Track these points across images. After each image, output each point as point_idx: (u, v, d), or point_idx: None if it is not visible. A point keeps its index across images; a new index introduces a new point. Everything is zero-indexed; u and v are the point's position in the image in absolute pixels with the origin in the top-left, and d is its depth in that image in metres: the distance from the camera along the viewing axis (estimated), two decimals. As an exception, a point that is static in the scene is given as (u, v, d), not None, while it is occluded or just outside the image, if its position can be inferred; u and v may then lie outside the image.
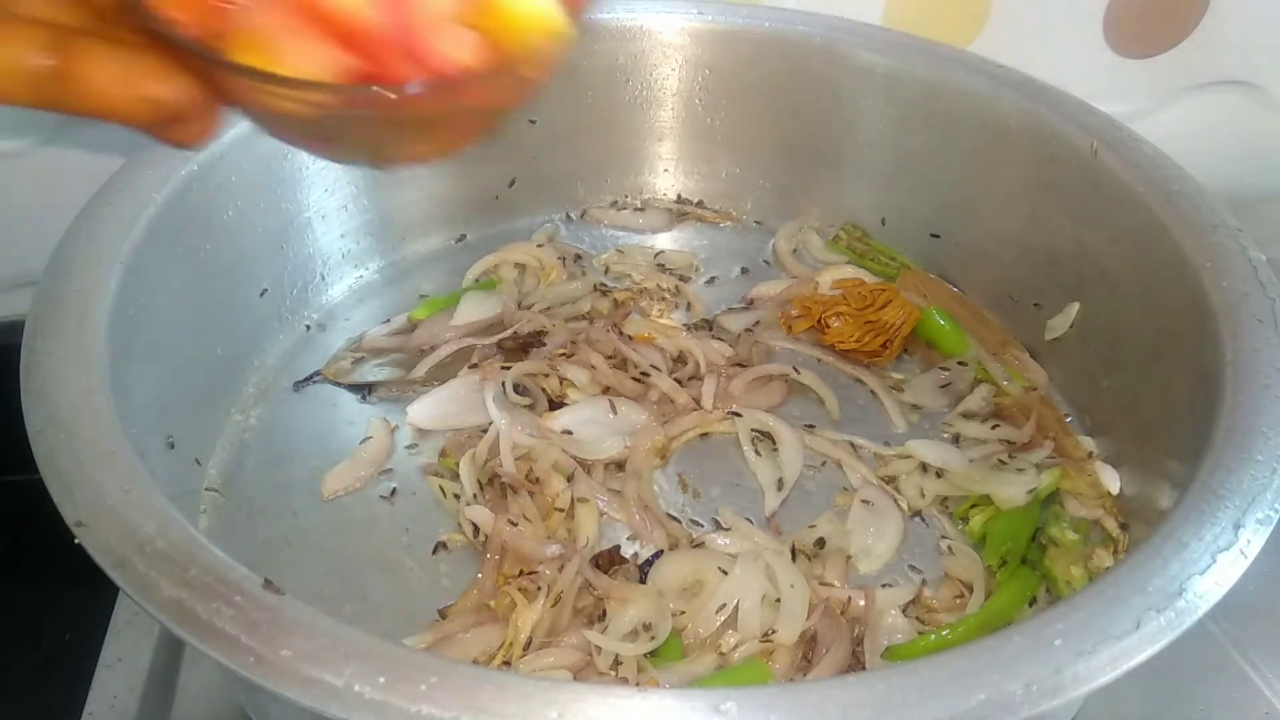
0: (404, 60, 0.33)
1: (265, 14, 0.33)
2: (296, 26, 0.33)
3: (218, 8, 0.33)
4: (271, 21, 0.33)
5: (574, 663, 0.56)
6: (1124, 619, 0.43)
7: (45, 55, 0.33)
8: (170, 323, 0.64)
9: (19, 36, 0.33)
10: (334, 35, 0.33)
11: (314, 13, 0.33)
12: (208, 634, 0.41)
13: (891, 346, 0.76)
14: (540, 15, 0.34)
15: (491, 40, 0.34)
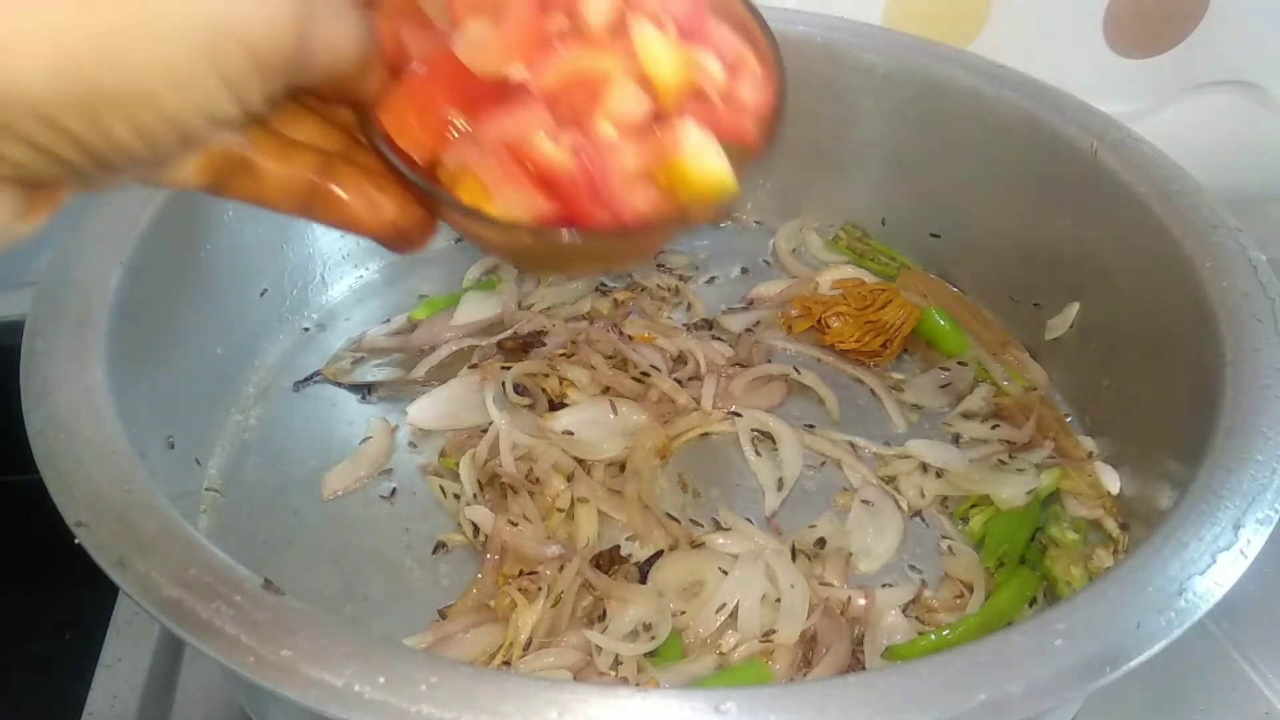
0: (592, 204, 0.39)
1: (482, 159, 0.39)
2: (506, 172, 0.39)
3: (444, 137, 0.39)
4: (488, 166, 0.39)
5: (574, 663, 0.56)
6: (1124, 619, 0.43)
7: (314, 174, 0.39)
8: (170, 323, 0.64)
9: (297, 157, 0.39)
10: (535, 180, 0.39)
11: (523, 160, 0.39)
12: (208, 634, 0.41)
13: (891, 346, 0.76)
14: (716, 178, 0.39)
15: (669, 194, 0.39)
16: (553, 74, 0.39)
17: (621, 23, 0.40)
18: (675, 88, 0.39)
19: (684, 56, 0.40)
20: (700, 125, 0.39)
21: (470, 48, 0.40)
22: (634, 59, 0.39)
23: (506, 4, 0.40)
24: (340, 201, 0.40)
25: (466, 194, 0.39)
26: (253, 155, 0.38)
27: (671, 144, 0.39)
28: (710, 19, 0.42)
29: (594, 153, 0.38)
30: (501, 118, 0.39)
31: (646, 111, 0.39)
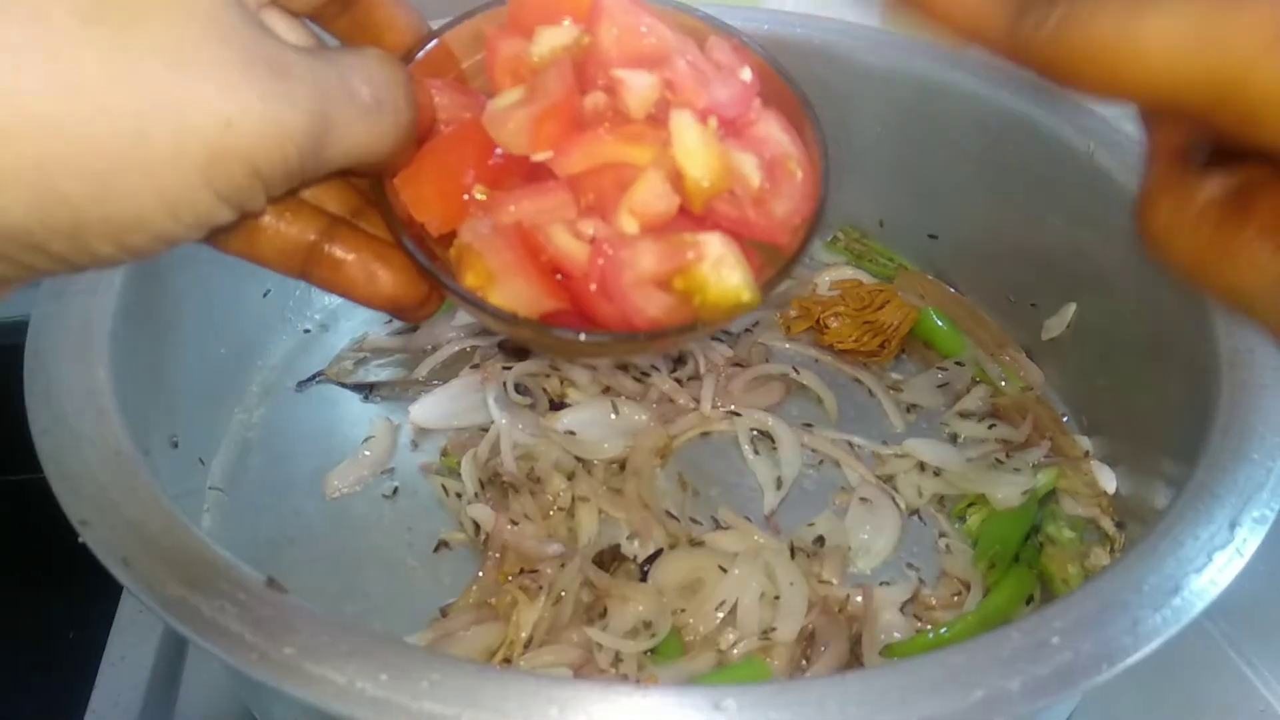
0: (603, 303, 0.37)
1: (493, 244, 0.37)
2: (516, 261, 0.37)
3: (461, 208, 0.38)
4: (497, 252, 0.37)
5: (574, 660, 0.56)
6: (1120, 618, 0.43)
7: (316, 236, 0.37)
8: (174, 323, 0.64)
9: (301, 217, 0.37)
10: (546, 269, 0.37)
11: (539, 252, 0.37)
12: (211, 632, 0.41)
13: (889, 346, 0.76)
14: (739, 290, 0.37)
15: (684, 300, 0.37)
16: (580, 160, 0.37)
17: (663, 108, 0.38)
18: (707, 190, 0.38)
19: (721, 158, 0.38)
20: (725, 235, 0.37)
21: (498, 122, 0.38)
22: (668, 152, 0.37)
23: (544, 78, 0.38)
24: (340, 269, 0.38)
25: (473, 276, 0.37)
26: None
27: (694, 251, 0.37)
28: (758, 112, 0.41)
29: (611, 250, 0.36)
30: (521, 200, 0.38)
31: (672, 209, 0.37)
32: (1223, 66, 0.24)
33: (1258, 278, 0.27)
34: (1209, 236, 0.28)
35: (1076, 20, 0.26)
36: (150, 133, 0.26)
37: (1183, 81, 0.25)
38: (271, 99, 0.27)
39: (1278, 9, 0.24)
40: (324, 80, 0.30)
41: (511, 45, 0.40)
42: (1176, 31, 0.24)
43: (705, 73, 0.39)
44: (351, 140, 0.31)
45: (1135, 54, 0.25)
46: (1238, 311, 0.29)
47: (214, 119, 0.26)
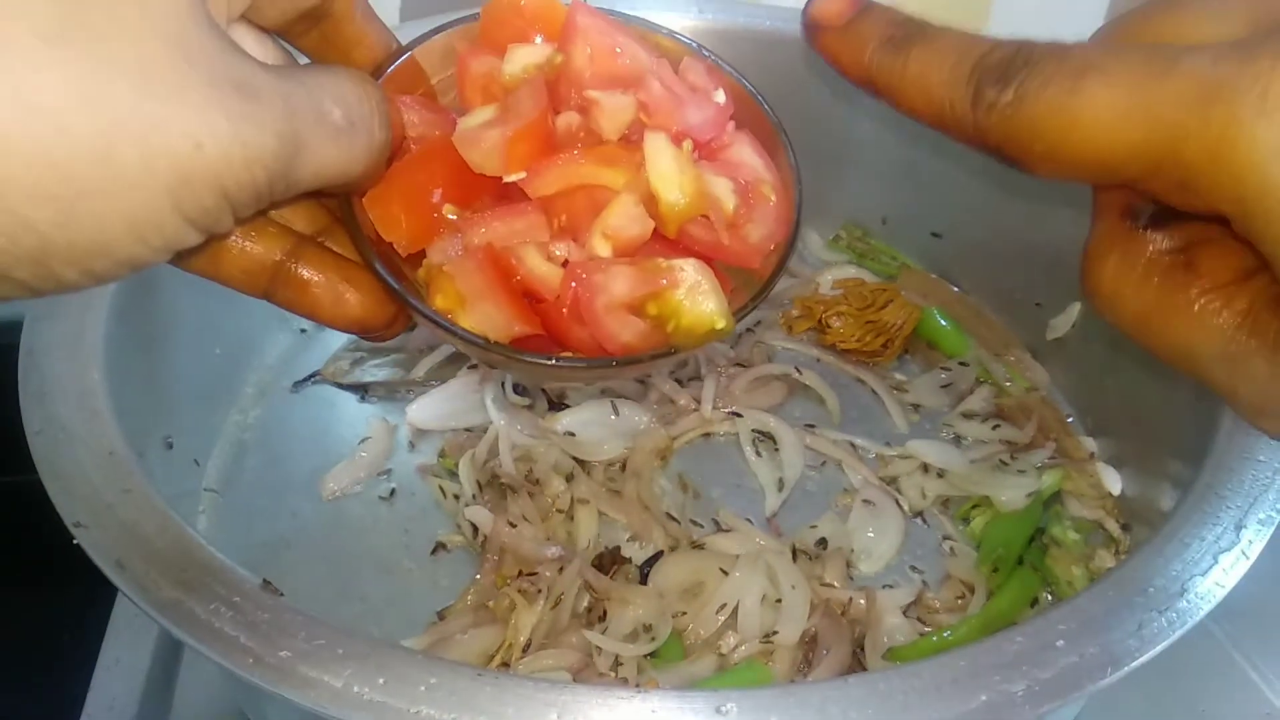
0: (576, 327, 0.37)
1: (463, 267, 0.36)
2: (486, 285, 0.36)
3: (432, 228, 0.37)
4: (467, 275, 0.36)
5: (573, 663, 0.56)
6: (1126, 620, 0.43)
7: (281, 255, 0.36)
8: (169, 323, 0.64)
9: (267, 237, 0.36)
10: (518, 292, 0.37)
11: (508, 273, 0.37)
12: (206, 635, 0.41)
13: (892, 346, 0.76)
14: (713, 317, 0.37)
15: (658, 325, 0.37)
16: (554, 182, 0.37)
17: (637, 130, 0.38)
18: (680, 214, 0.37)
19: (695, 181, 0.37)
20: (700, 261, 0.37)
21: (469, 142, 0.37)
22: (642, 174, 0.37)
23: (517, 98, 0.38)
24: (306, 289, 0.37)
25: (442, 299, 0.37)
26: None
27: (668, 277, 0.37)
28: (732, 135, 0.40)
29: (585, 274, 0.36)
30: (492, 222, 0.37)
31: (646, 233, 0.37)
32: (1155, 137, 0.25)
33: (1205, 335, 0.28)
34: (1155, 293, 0.29)
35: (1024, 99, 0.28)
36: (117, 156, 0.25)
37: (1120, 152, 0.26)
38: (240, 120, 0.27)
39: (1203, 77, 0.24)
40: (294, 101, 0.29)
41: (483, 63, 0.40)
42: (1111, 104, 0.26)
43: (679, 95, 0.39)
44: (322, 161, 0.31)
45: (1075, 127, 0.27)
46: (1183, 369, 0.29)
47: (182, 141, 0.26)
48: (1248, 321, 0.27)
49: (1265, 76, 0.23)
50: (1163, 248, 0.29)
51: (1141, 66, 0.26)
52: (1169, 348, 0.29)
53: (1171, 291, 0.29)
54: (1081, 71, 0.27)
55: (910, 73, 0.31)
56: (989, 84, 0.29)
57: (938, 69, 0.30)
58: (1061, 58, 0.28)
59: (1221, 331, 0.28)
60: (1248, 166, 0.24)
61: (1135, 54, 0.26)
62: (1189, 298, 0.28)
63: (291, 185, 0.30)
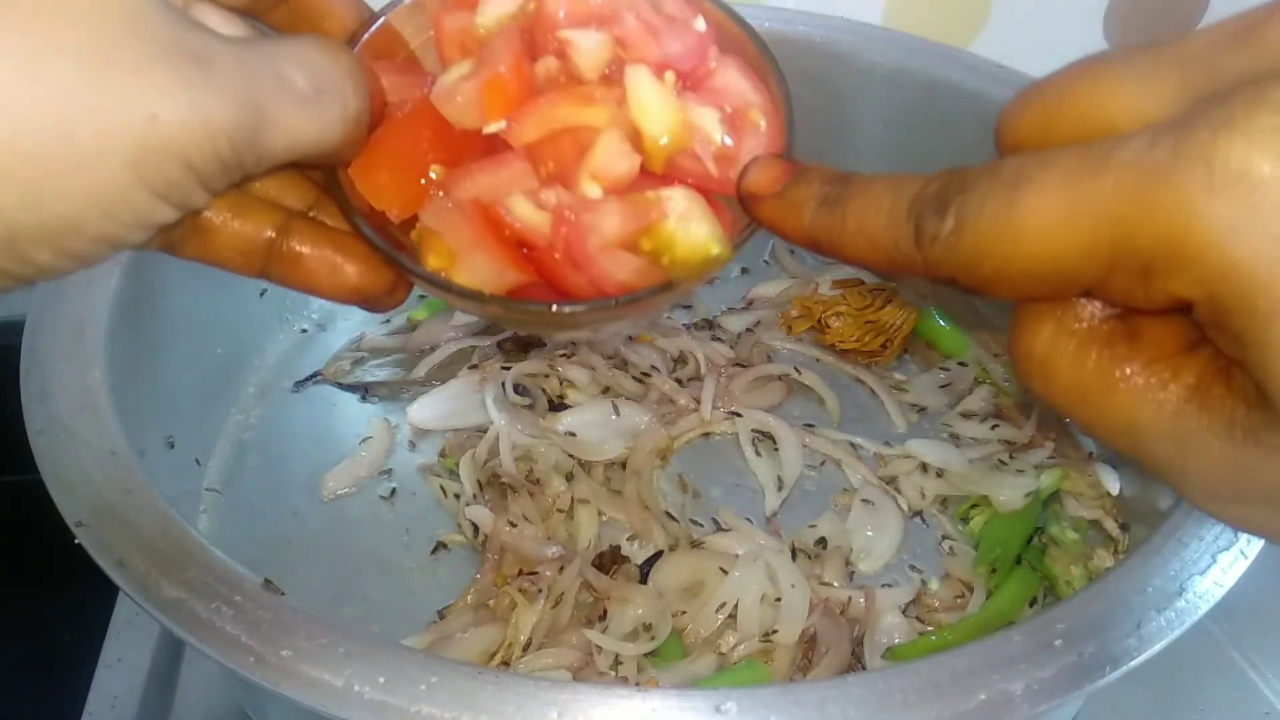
0: (571, 271, 0.36)
1: (451, 221, 0.36)
2: (476, 237, 0.36)
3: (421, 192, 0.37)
4: (456, 230, 0.36)
5: (573, 663, 0.56)
6: (1124, 619, 0.43)
7: (273, 232, 0.36)
8: (170, 323, 0.64)
9: (255, 214, 0.36)
10: (511, 243, 0.36)
11: (499, 225, 0.36)
12: (208, 634, 0.41)
13: (891, 346, 0.76)
14: (707, 244, 0.36)
15: (654, 261, 0.36)
16: (534, 127, 0.36)
17: (618, 67, 0.37)
18: (666, 147, 0.37)
19: (679, 113, 0.37)
20: (688, 187, 0.36)
21: (446, 97, 0.37)
22: (624, 110, 0.36)
23: (490, 48, 0.37)
24: (300, 263, 0.37)
25: (434, 258, 0.36)
26: (206, 213, 0.35)
27: (657, 208, 0.36)
28: (716, 62, 0.39)
29: (573, 216, 0.35)
30: (477, 175, 0.37)
31: (634, 168, 0.36)
32: (1102, 233, 0.24)
33: (1151, 410, 0.26)
34: (1095, 364, 0.27)
35: (963, 224, 0.26)
36: (75, 134, 0.25)
37: (1071, 256, 0.25)
38: (195, 90, 0.27)
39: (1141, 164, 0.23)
40: (252, 69, 0.29)
41: (457, 18, 0.39)
42: (1051, 209, 0.25)
43: (657, 26, 0.38)
44: (292, 131, 0.30)
45: (1019, 241, 0.25)
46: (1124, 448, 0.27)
47: (138, 114, 0.26)
48: (1197, 395, 0.25)
49: (1206, 150, 0.22)
50: (1102, 316, 0.27)
51: (1076, 166, 0.24)
52: (1109, 424, 0.27)
53: (1113, 362, 0.27)
54: (1015, 184, 0.25)
55: (850, 226, 0.30)
56: (928, 217, 0.27)
57: (875, 216, 0.29)
58: (994, 175, 0.26)
59: (1169, 406, 0.26)
60: (1205, 247, 0.22)
61: (1067, 155, 0.25)
62: (1132, 369, 0.26)
63: (263, 156, 0.30)
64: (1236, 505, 0.26)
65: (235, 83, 0.28)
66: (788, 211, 0.33)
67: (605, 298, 0.36)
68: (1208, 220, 0.22)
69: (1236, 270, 0.22)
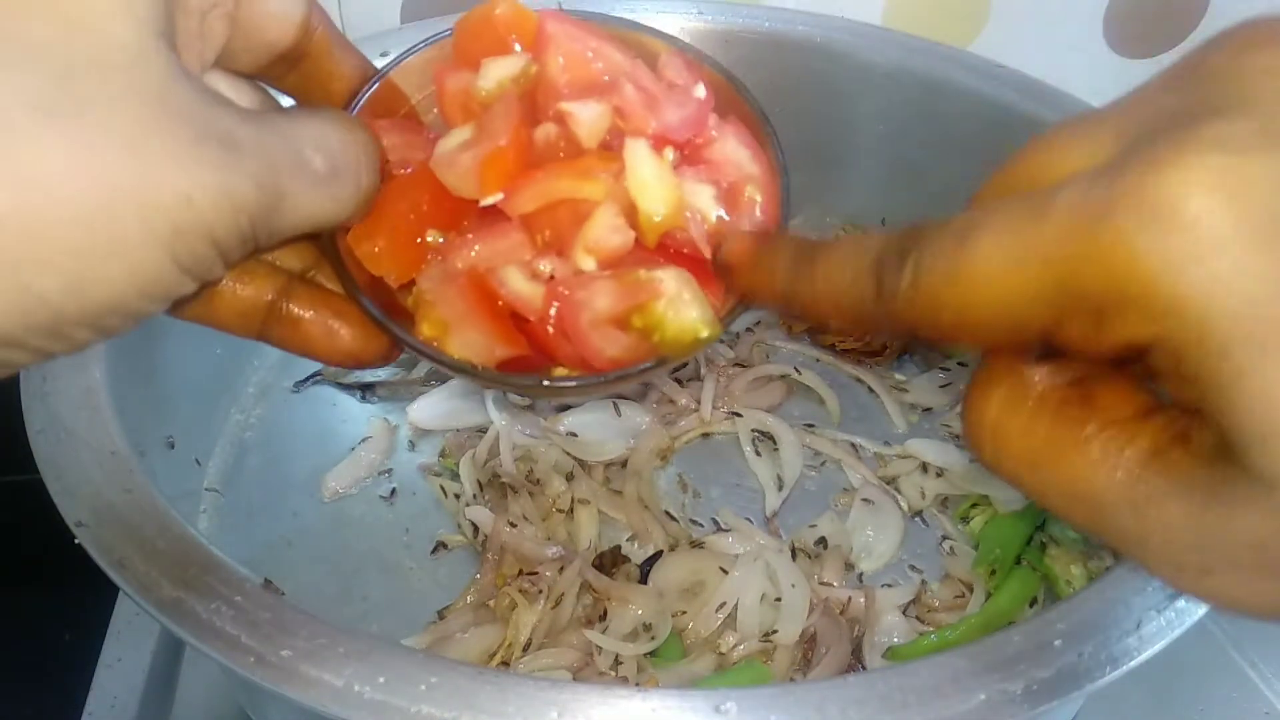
0: (562, 344, 0.36)
1: (445, 293, 0.36)
2: (469, 310, 0.36)
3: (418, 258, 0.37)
4: (449, 301, 0.36)
5: (573, 663, 0.56)
6: (1124, 619, 0.43)
7: (273, 294, 0.37)
8: (170, 322, 0.63)
9: (257, 278, 0.37)
10: (503, 315, 0.37)
11: (492, 296, 0.36)
12: (208, 634, 0.41)
13: (891, 346, 0.76)
14: (697, 326, 0.36)
15: (644, 338, 0.36)
16: (531, 200, 0.36)
17: (618, 135, 0.37)
18: (660, 224, 0.37)
19: (674, 191, 0.37)
20: (683, 270, 0.36)
21: (445, 165, 0.37)
22: (621, 183, 0.36)
23: (489, 117, 0.37)
24: (298, 327, 0.37)
25: (428, 327, 0.37)
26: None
27: (650, 289, 0.36)
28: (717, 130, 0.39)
29: (567, 291, 0.36)
30: (473, 244, 0.37)
31: (628, 243, 0.37)
32: (1050, 274, 0.24)
33: (1107, 476, 0.25)
34: (1047, 429, 0.27)
35: (919, 276, 0.27)
36: (117, 220, 0.26)
37: (1024, 299, 0.25)
38: (224, 172, 0.28)
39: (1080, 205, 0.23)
40: (273, 152, 0.30)
41: (459, 79, 0.39)
42: (999, 255, 0.25)
43: (656, 96, 0.38)
44: (306, 209, 0.31)
45: (971, 288, 0.26)
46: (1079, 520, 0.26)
47: (175, 198, 0.26)
48: (1155, 460, 0.25)
49: (1138, 187, 0.22)
50: (1054, 382, 0.27)
51: (1020, 211, 0.25)
52: (1063, 493, 0.26)
53: (1066, 427, 0.26)
54: (964, 233, 0.26)
55: (819, 289, 0.31)
56: (888, 272, 0.28)
57: (841, 274, 0.30)
58: (945, 227, 0.27)
59: (1125, 471, 0.25)
60: (1148, 284, 0.22)
61: (1012, 203, 0.25)
62: (1086, 434, 0.26)
63: (275, 232, 0.30)
64: (1205, 577, 0.25)
65: (258, 164, 0.29)
66: (761, 278, 0.34)
67: (595, 373, 0.36)
68: (1148, 258, 0.22)
69: (1182, 307, 0.22)
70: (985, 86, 0.75)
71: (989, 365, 0.29)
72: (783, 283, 0.32)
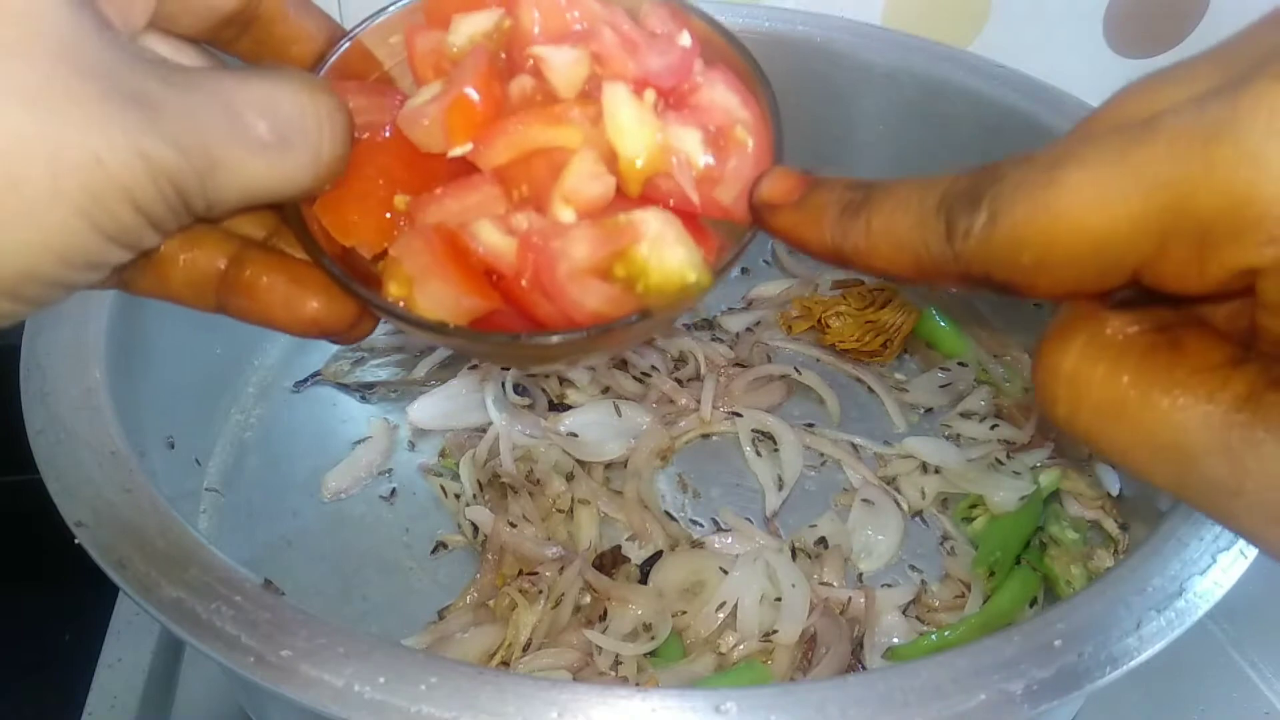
0: (541, 300, 0.34)
1: (411, 247, 0.34)
2: (436, 264, 0.34)
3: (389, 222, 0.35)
4: (415, 255, 0.34)
5: (573, 663, 0.56)
6: (1124, 619, 0.43)
7: (225, 261, 0.34)
8: (170, 323, 0.64)
9: (208, 243, 0.34)
10: (477, 272, 0.34)
11: (465, 253, 0.34)
12: (208, 634, 0.41)
13: (891, 346, 0.76)
14: (684, 270, 0.33)
15: (629, 289, 0.34)
16: (503, 150, 0.34)
17: (597, 85, 0.35)
18: (641, 170, 0.34)
19: (656, 134, 0.34)
20: (665, 210, 0.34)
21: (411, 121, 0.35)
22: (600, 129, 0.34)
23: (458, 68, 0.35)
24: (256, 295, 0.35)
25: (395, 286, 0.34)
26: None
27: (630, 232, 0.33)
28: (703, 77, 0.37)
29: (540, 241, 0.33)
30: (444, 200, 0.35)
31: (609, 191, 0.34)
32: (1155, 200, 0.22)
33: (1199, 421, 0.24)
34: (1133, 374, 0.25)
35: (998, 214, 0.25)
36: (22, 179, 0.24)
37: (1121, 231, 0.23)
38: (137, 133, 0.26)
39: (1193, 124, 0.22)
40: (200, 114, 0.28)
41: (430, 39, 0.37)
42: (1095, 183, 0.23)
43: (637, 42, 0.36)
44: (250, 178, 0.29)
45: (1060, 220, 0.24)
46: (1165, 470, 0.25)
47: (84, 156, 0.25)
48: (1249, 403, 0.23)
49: (1267, 97, 0.21)
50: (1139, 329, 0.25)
51: (1118, 140, 0.23)
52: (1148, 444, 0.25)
53: (1153, 373, 0.24)
54: (1053, 164, 0.24)
55: (876, 229, 0.28)
56: (960, 212, 0.26)
57: (902, 217, 0.27)
58: (1029, 161, 0.25)
59: (1218, 415, 0.23)
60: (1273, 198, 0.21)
61: (1107, 133, 0.23)
62: (1175, 379, 0.24)
63: (214, 202, 0.29)
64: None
65: (180, 126, 0.27)
66: (807, 221, 0.31)
67: (577, 328, 0.34)
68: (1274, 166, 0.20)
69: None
70: (985, 86, 0.75)
71: (1066, 314, 0.27)
72: (832, 225, 0.30)
